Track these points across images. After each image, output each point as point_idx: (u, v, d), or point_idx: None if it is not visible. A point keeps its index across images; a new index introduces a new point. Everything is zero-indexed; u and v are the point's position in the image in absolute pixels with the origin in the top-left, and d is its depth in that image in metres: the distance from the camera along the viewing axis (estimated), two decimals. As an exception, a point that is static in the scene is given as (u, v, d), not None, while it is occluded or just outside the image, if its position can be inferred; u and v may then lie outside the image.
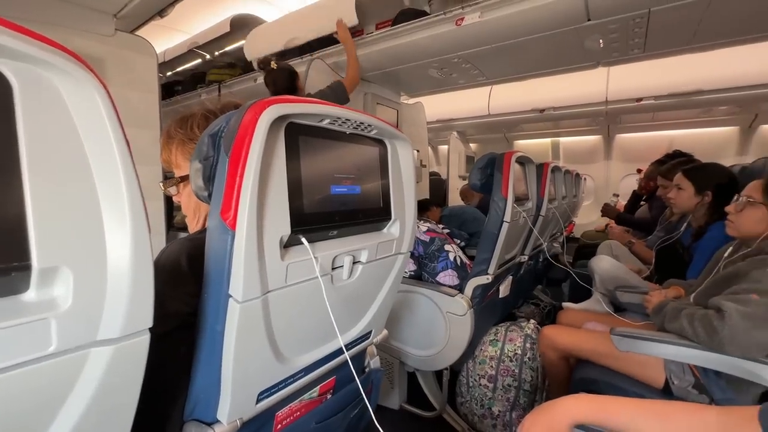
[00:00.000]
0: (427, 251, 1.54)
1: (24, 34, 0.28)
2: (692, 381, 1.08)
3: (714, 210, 1.50)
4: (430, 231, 1.58)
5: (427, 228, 1.59)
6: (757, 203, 1.08)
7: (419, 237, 1.55)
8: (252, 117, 0.47)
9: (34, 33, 0.29)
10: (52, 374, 0.33)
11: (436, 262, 1.52)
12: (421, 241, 1.55)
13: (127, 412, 0.40)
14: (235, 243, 0.46)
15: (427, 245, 1.54)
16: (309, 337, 0.65)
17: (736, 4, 1.49)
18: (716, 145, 3.55)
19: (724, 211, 1.23)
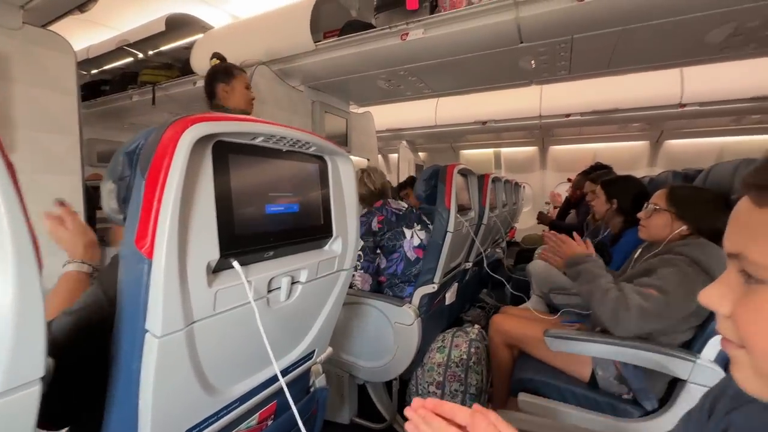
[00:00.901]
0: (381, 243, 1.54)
1: None
2: (614, 373, 1.20)
3: (627, 217, 1.69)
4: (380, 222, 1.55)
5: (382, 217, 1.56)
6: (662, 210, 1.23)
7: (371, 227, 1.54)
8: (173, 135, 0.43)
9: None
10: None
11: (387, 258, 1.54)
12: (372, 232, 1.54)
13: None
14: (153, 273, 0.43)
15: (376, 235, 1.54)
16: (244, 365, 0.62)
17: (642, 38, 1.70)
18: (632, 156, 4.01)
19: (635, 218, 1.38)
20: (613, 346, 1.08)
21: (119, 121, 3.66)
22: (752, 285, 0.31)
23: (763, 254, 0.30)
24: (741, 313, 0.32)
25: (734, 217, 0.35)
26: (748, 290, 0.32)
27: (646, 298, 1.02)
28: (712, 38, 1.73)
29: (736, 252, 0.33)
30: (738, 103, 2.80)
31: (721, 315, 0.34)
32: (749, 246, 0.31)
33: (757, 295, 0.31)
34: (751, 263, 0.31)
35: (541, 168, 4.45)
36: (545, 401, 1.23)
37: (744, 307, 0.32)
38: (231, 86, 1.72)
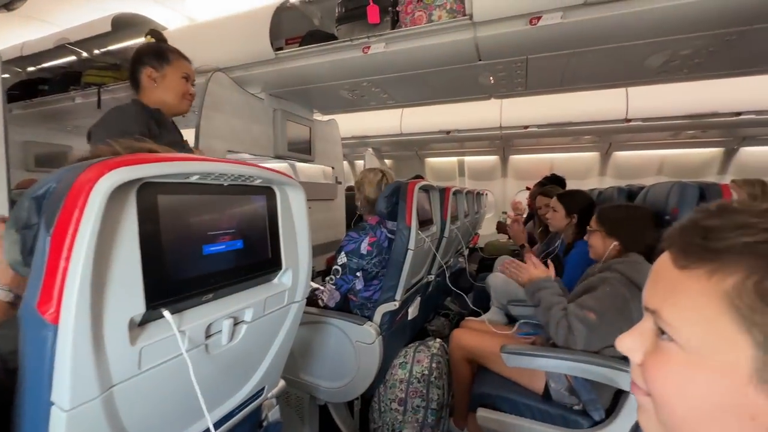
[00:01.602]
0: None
1: None
2: (566, 385, 1.25)
3: (578, 229, 1.79)
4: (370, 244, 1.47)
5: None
6: (595, 230, 1.33)
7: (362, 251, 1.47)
8: (85, 184, 0.39)
9: None
10: None
11: None
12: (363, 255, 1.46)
13: None
14: (59, 340, 0.38)
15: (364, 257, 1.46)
16: (180, 417, 0.57)
17: (590, 60, 1.80)
18: (584, 166, 4.25)
19: (584, 230, 1.48)
20: (564, 361, 1.12)
21: (61, 122, 3.37)
22: (663, 341, 0.32)
23: (674, 315, 0.31)
24: (650, 366, 0.33)
25: (655, 271, 0.36)
26: (659, 345, 0.33)
27: (588, 324, 1.11)
28: (651, 62, 1.86)
29: (652, 308, 0.34)
30: (675, 119, 3.05)
31: (633, 362, 0.36)
32: (666, 306, 0.32)
33: (665, 352, 0.32)
34: (666, 323, 0.32)
35: (502, 176, 4.61)
36: (502, 416, 1.26)
37: (653, 361, 0.33)
38: (162, 72, 1.29)
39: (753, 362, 0.27)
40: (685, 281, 0.31)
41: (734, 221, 0.30)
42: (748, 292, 0.27)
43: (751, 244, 0.28)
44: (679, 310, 0.31)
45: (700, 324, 0.29)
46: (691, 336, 0.30)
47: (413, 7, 1.64)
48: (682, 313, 0.31)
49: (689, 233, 0.32)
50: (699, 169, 3.93)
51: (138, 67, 1.29)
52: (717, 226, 0.30)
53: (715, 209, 0.32)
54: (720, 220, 0.30)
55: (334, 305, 1.47)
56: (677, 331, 0.31)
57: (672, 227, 0.35)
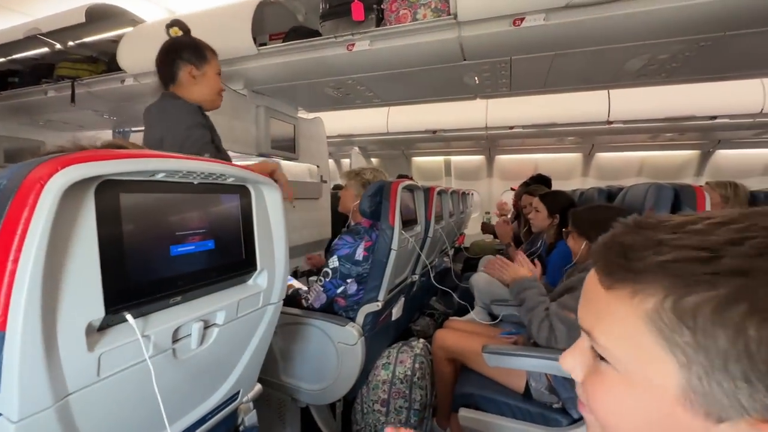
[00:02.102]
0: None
1: None
2: (546, 384, 1.26)
3: (560, 230, 1.81)
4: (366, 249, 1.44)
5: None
6: (570, 231, 1.37)
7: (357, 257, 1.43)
8: (34, 183, 0.37)
9: None
10: None
11: None
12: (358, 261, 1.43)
13: None
14: (6, 348, 0.35)
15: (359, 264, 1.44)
16: (146, 425, 0.55)
17: (572, 62, 1.83)
18: (568, 167, 4.33)
19: None
20: (544, 360, 1.13)
21: (33, 116, 3.23)
22: (600, 362, 0.32)
23: (604, 337, 0.31)
24: (589, 386, 0.34)
25: (585, 290, 0.35)
26: (596, 365, 0.33)
27: (568, 323, 1.13)
28: (631, 66, 1.90)
29: (586, 329, 0.34)
30: (654, 122, 3.13)
31: (576, 380, 0.36)
32: (597, 328, 0.32)
33: (601, 372, 0.32)
34: (596, 343, 0.32)
35: (488, 176, 4.65)
36: (484, 415, 1.26)
37: (591, 381, 0.33)
38: (202, 71, 1.28)
39: (679, 382, 0.27)
40: (611, 302, 0.30)
41: (649, 238, 0.29)
42: (667, 312, 0.27)
43: (664, 263, 0.27)
44: (609, 331, 0.31)
45: (628, 346, 0.29)
46: (621, 357, 0.30)
47: (398, 5, 1.63)
48: (611, 335, 0.31)
49: (611, 251, 0.31)
50: (677, 170, 4.05)
51: (177, 62, 1.27)
52: (634, 243, 0.30)
53: (632, 225, 0.32)
54: (636, 237, 0.30)
55: (319, 307, 1.45)
56: (609, 353, 0.31)
57: (597, 243, 0.34)
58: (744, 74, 2.06)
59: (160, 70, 1.30)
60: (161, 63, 1.30)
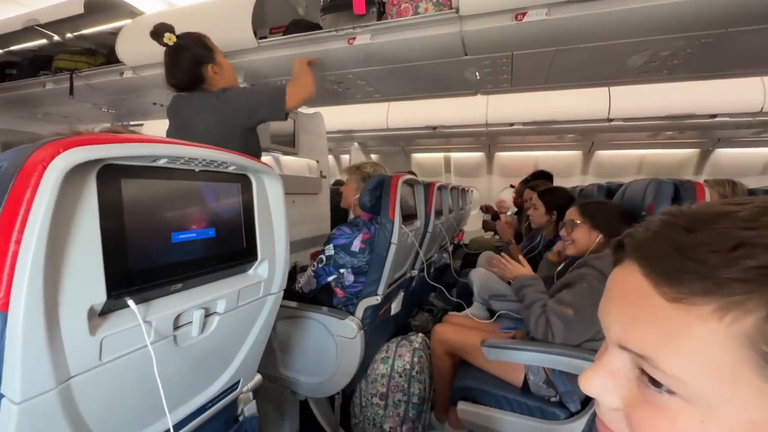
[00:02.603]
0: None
1: None
2: (544, 377, 1.27)
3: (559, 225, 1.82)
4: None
5: None
6: (580, 223, 1.35)
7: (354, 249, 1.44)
8: (37, 164, 0.37)
9: None
10: None
11: None
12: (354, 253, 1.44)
13: None
14: (8, 329, 0.35)
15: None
16: (146, 411, 0.55)
17: (574, 58, 1.83)
18: (568, 165, 4.33)
19: None
20: (542, 354, 1.14)
21: (31, 109, 3.22)
22: (661, 394, 0.26)
23: (681, 366, 0.24)
24: (645, 423, 0.27)
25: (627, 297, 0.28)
26: (652, 397, 0.26)
27: (565, 319, 1.14)
28: (632, 62, 1.90)
29: (640, 353, 0.26)
30: (654, 120, 3.13)
31: (607, 407, 0.29)
32: (661, 352, 0.25)
33: (665, 407, 0.25)
34: (663, 374, 0.25)
35: (488, 173, 4.65)
36: (482, 408, 1.27)
37: (648, 416, 0.26)
38: (219, 64, 1.40)
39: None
40: (683, 320, 0.24)
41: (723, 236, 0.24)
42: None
43: (763, 269, 0.22)
44: (682, 358, 0.24)
45: (713, 375, 0.23)
46: (702, 390, 0.24)
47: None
48: (686, 363, 0.24)
49: (670, 252, 0.25)
50: (676, 169, 4.06)
51: (199, 66, 1.36)
52: (706, 242, 0.24)
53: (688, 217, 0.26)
54: (704, 234, 0.24)
55: (308, 291, 1.45)
56: (681, 384, 0.24)
57: (634, 238, 0.28)
58: (745, 72, 2.06)
59: (183, 79, 1.37)
60: (182, 72, 1.36)
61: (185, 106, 1.40)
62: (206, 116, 1.35)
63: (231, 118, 1.35)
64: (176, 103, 1.44)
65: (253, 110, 1.38)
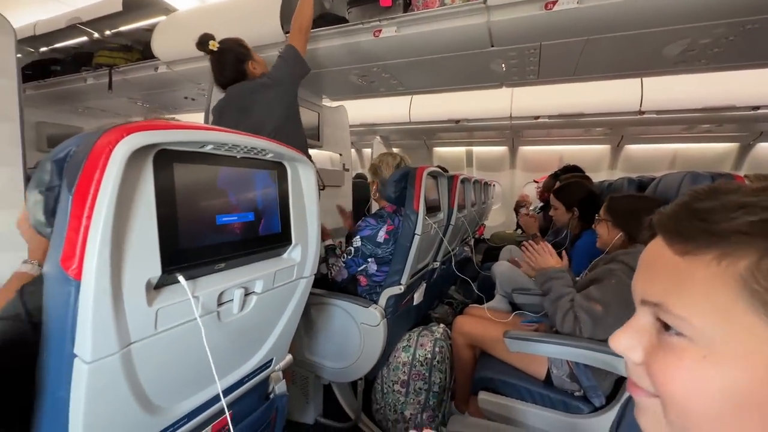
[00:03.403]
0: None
1: None
2: (567, 371, 1.26)
3: (582, 220, 1.80)
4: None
5: None
6: (602, 220, 1.33)
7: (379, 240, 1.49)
8: (105, 146, 0.40)
9: None
10: None
11: None
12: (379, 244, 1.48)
13: None
14: (81, 295, 0.39)
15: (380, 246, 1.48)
16: (192, 381, 0.59)
17: (605, 48, 1.77)
18: (595, 160, 4.19)
19: (590, 220, 1.52)
20: (566, 347, 1.13)
21: (73, 104, 3.40)
22: (672, 337, 0.29)
23: (682, 306, 0.28)
24: (658, 366, 0.30)
25: (647, 260, 0.32)
26: (665, 341, 0.30)
27: (593, 315, 1.12)
28: (668, 51, 1.82)
29: (656, 302, 0.30)
30: (690, 112, 2.98)
31: (633, 361, 0.33)
32: (670, 297, 0.29)
33: (674, 349, 0.29)
34: (673, 316, 0.29)
35: (510, 168, 4.56)
36: (504, 399, 1.27)
37: (662, 360, 0.30)
38: (255, 60, 1.64)
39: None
40: (690, 269, 0.28)
41: (731, 202, 0.28)
42: (764, 273, 0.25)
43: (757, 222, 0.26)
44: (688, 300, 0.28)
45: (713, 314, 0.27)
46: (704, 328, 0.27)
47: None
48: (691, 304, 0.28)
49: (685, 217, 0.29)
50: (713, 164, 3.86)
51: (243, 65, 1.60)
52: (714, 207, 0.28)
53: (707, 191, 0.30)
54: (716, 202, 0.28)
55: (341, 281, 1.50)
56: (687, 324, 0.28)
57: (660, 212, 0.32)
58: (793, 60, 1.93)
59: (229, 76, 1.60)
60: (228, 71, 1.60)
61: (239, 95, 1.58)
62: (263, 96, 1.55)
63: (282, 89, 1.59)
64: (228, 97, 1.62)
65: (291, 76, 1.63)
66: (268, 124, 1.52)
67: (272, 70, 1.66)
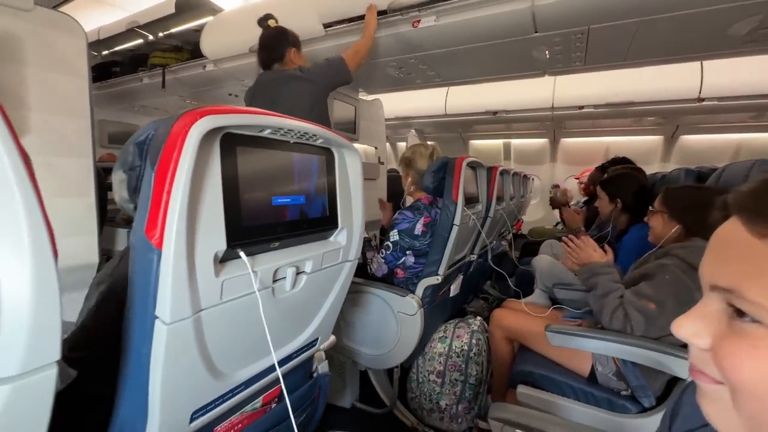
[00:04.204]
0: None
1: None
2: (614, 369, 1.21)
3: (631, 214, 1.70)
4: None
5: None
6: (657, 211, 1.25)
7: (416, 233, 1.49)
8: (181, 129, 0.44)
9: None
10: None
11: None
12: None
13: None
14: (162, 262, 0.44)
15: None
16: (249, 351, 0.64)
17: (662, 29, 1.65)
18: (645, 152, 3.92)
19: (639, 214, 1.46)
20: (612, 343, 1.09)
21: (129, 102, 3.67)
22: (745, 323, 0.28)
23: (762, 293, 0.27)
24: (728, 354, 0.29)
25: (719, 243, 0.31)
26: (738, 328, 0.29)
27: (647, 314, 1.06)
28: (735, 31, 1.66)
29: (728, 287, 0.29)
30: (759, 98, 2.71)
31: (699, 347, 0.32)
32: (745, 282, 0.28)
33: (749, 336, 0.28)
34: (747, 302, 0.28)
35: (551, 161, 4.38)
36: (544, 394, 1.25)
37: (733, 347, 0.29)
38: (300, 55, 1.75)
39: None
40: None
41: None
42: None
43: None
44: (765, 286, 0.27)
45: None
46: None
47: (467, -23, 1.58)
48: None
49: (763, 195, 0.28)
50: (784, 156, 3.49)
51: (285, 45, 1.72)
52: None
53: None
54: None
55: (381, 276, 1.52)
56: (764, 311, 0.27)
57: (736, 191, 0.31)
58: None
59: (271, 51, 1.71)
60: (269, 48, 1.72)
61: (269, 82, 1.68)
62: (292, 86, 1.64)
63: (315, 87, 1.67)
64: (260, 83, 1.72)
65: (329, 80, 1.72)
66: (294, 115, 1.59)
67: (311, 67, 1.74)
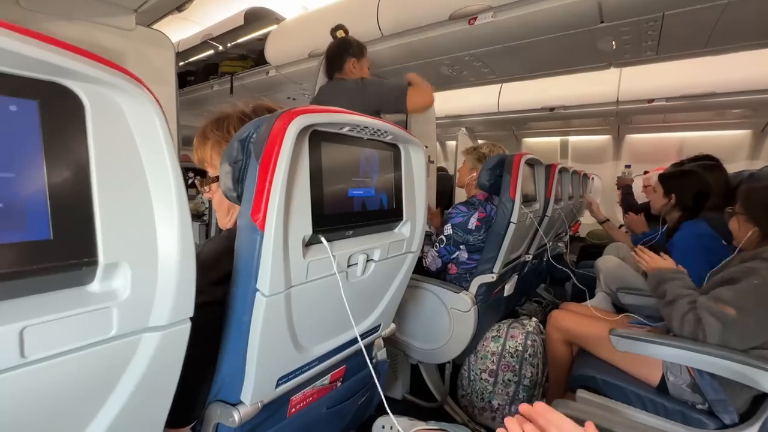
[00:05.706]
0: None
1: (94, 60, 0.32)
2: (688, 380, 1.12)
3: (684, 210, 1.57)
4: None
5: None
6: (735, 213, 1.14)
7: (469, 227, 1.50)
8: (281, 126, 0.51)
9: (102, 59, 0.33)
10: (110, 356, 0.37)
11: None
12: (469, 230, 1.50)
13: (167, 393, 0.45)
14: (264, 242, 0.51)
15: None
16: (325, 328, 0.70)
17: (751, 10, 1.49)
18: (727, 148, 3.51)
19: (693, 212, 1.50)
20: (686, 351, 1.01)
21: (198, 108, 4.04)
22: None
23: None
24: None
25: None
26: None
27: (724, 319, 0.98)
28: None
29: None
30: None
31: None
32: None
33: None
34: None
35: (614, 159, 4.08)
36: (606, 400, 1.19)
37: None
38: (360, 64, 1.76)
39: None
40: None
41: None
42: None
43: None
44: None
45: None
46: None
47: (528, -30, 1.55)
48: None
49: None
50: None
51: (344, 55, 1.72)
52: None
53: None
54: None
55: (435, 270, 1.55)
56: None
57: None
58: None
59: (332, 61, 1.75)
60: (331, 57, 1.75)
61: (329, 91, 1.73)
62: (344, 97, 1.65)
63: (364, 102, 1.62)
64: (321, 91, 1.79)
65: (381, 101, 1.66)
66: None
67: (372, 80, 1.73)
